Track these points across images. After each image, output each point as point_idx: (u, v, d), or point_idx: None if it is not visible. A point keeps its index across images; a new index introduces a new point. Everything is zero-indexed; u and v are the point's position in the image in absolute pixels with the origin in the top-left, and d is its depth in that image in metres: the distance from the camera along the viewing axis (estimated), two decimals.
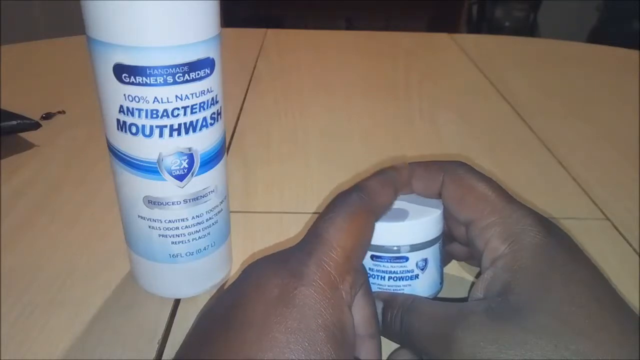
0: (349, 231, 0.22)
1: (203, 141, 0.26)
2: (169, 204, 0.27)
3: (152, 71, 0.23)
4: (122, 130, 0.25)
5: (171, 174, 0.26)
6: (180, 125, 0.25)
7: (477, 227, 0.24)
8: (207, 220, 0.28)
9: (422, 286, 0.27)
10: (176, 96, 0.24)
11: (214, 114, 0.26)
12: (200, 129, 0.26)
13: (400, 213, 0.26)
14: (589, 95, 0.66)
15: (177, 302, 0.31)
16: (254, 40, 0.84)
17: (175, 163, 0.26)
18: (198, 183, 0.27)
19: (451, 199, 0.26)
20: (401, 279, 0.27)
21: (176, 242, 0.28)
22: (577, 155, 0.50)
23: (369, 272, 0.27)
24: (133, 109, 0.24)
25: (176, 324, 0.29)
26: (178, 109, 0.25)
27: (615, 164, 0.49)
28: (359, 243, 0.23)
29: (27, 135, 0.48)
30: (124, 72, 0.23)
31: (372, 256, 0.26)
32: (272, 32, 0.88)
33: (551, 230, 0.23)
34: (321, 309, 0.19)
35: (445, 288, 0.29)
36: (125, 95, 0.24)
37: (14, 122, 0.46)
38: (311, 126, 0.55)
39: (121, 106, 0.24)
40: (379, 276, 0.27)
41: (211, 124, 0.26)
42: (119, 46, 0.23)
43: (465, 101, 0.63)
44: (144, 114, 0.24)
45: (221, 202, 0.29)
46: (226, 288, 0.22)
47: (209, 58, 0.25)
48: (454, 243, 0.29)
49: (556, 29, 2.21)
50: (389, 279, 0.27)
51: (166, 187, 0.26)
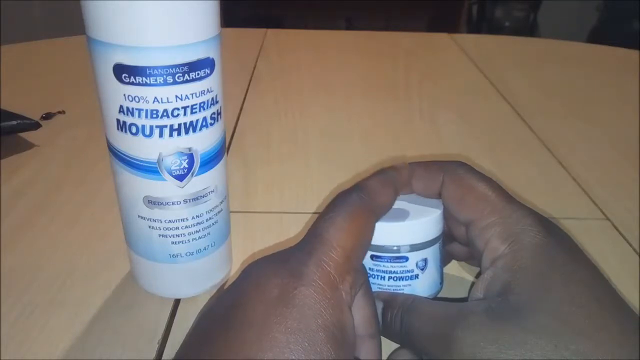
0: (349, 231, 0.22)
1: (203, 141, 0.26)
2: (169, 204, 0.27)
3: (152, 71, 0.23)
4: (122, 130, 0.25)
5: (171, 174, 0.26)
6: (180, 125, 0.25)
7: (477, 227, 0.24)
8: (207, 220, 0.28)
9: (422, 286, 0.27)
10: (176, 96, 0.24)
11: (214, 114, 0.26)
12: (200, 129, 0.26)
13: (400, 213, 0.26)
14: (589, 95, 0.66)
15: (177, 302, 0.31)
16: (254, 40, 0.84)
17: (175, 163, 0.26)
18: (198, 183, 0.27)
19: (451, 199, 0.26)
20: (401, 279, 0.27)
21: (176, 242, 0.28)
22: (577, 155, 0.50)
23: (369, 272, 0.27)
24: (133, 109, 0.24)
25: (176, 324, 0.29)
26: (178, 109, 0.25)
27: (615, 164, 0.49)
28: (359, 243, 0.23)
29: (27, 135, 0.48)
30: (124, 72, 0.23)
31: (372, 256, 0.26)
32: (272, 32, 0.88)
33: (551, 230, 0.23)
34: (321, 309, 0.19)
35: (445, 288, 0.29)
36: (125, 95, 0.24)
37: (14, 122, 0.46)
38: (311, 126, 0.55)
39: (121, 106, 0.24)
40: (379, 276, 0.27)
41: (211, 124, 0.26)
42: (119, 46, 0.23)
43: (465, 101, 0.63)
44: (144, 114, 0.24)
45: (221, 202, 0.29)
46: (226, 288, 0.22)
47: (209, 58, 0.25)
48: (454, 243, 0.29)
49: (556, 29, 2.21)
50: (389, 279, 0.27)
51: (166, 187, 0.26)
